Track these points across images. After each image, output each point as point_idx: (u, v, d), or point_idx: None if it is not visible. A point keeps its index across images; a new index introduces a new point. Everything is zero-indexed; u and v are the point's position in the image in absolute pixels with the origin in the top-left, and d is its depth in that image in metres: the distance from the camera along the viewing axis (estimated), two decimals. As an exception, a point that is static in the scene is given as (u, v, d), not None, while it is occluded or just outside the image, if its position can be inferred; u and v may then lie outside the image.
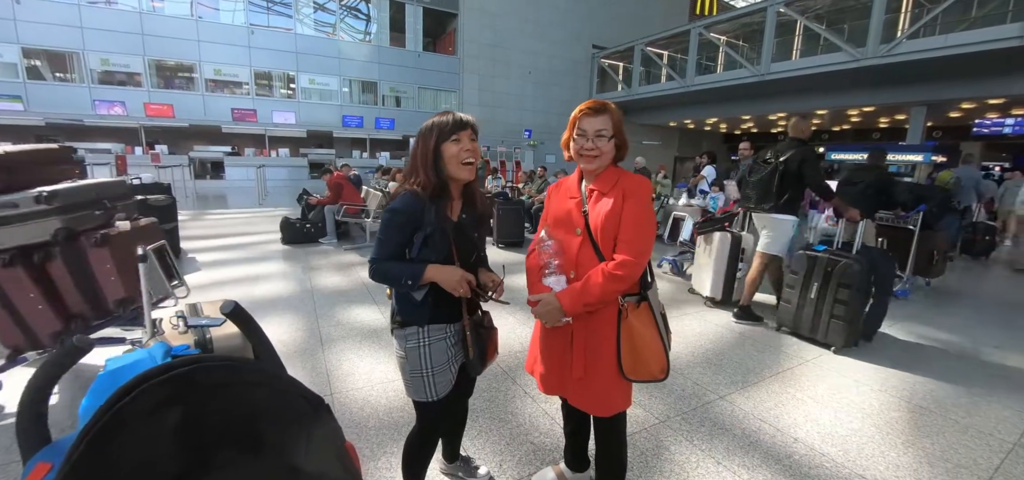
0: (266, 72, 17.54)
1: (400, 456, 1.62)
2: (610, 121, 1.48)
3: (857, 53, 12.89)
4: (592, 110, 1.50)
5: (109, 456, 0.65)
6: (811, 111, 16.87)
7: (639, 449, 2.12)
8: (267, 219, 8.75)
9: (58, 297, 2.38)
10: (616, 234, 1.44)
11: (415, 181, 1.43)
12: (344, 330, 3.48)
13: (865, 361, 3.19)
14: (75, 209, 2.37)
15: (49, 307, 2.35)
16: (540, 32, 21.46)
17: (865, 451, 2.16)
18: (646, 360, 1.47)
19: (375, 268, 1.42)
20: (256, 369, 0.84)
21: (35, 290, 2.29)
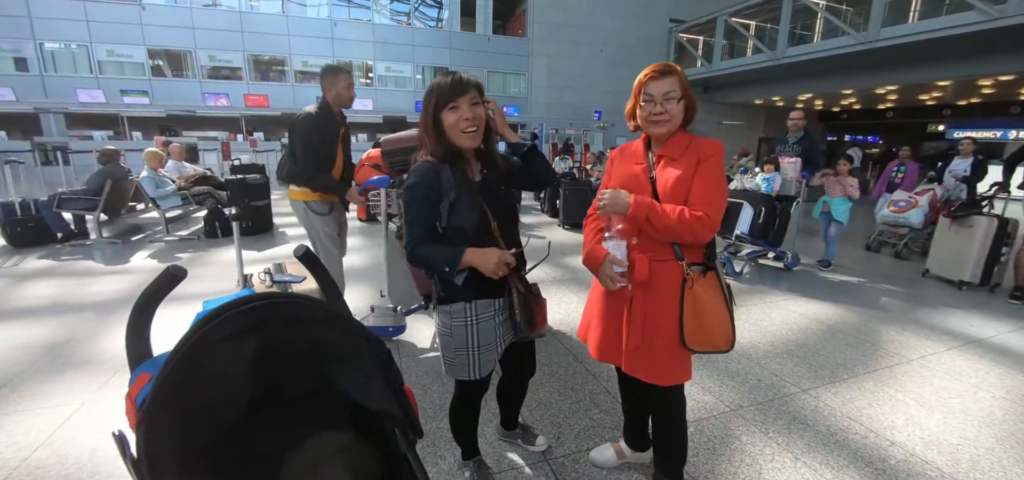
0: (347, 62, 18.64)
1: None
2: (677, 82, 1.38)
3: (994, 11, 10.92)
4: (658, 73, 1.40)
5: (194, 373, 0.72)
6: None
7: (706, 435, 2.00)
8: (347, 199, 9.36)
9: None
10: (686, 199, 1.36)
11: (425, 151, 1.38)
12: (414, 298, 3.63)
13: (988, 364, 2.75)
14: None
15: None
16: (612, 8, 20.66)
17: (980, 464, 1.87)
18: (710, 331, 1.38)
19: (412, 252, 1.36)
20: (324, 309, 0.89)
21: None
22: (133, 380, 0.76)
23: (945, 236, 4.53)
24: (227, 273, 4.27)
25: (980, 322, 3.43)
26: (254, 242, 5.44)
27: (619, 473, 1.78)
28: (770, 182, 4.78)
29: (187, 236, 5.70)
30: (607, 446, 1.86)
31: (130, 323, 0.83)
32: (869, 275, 4.68)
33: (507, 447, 1.91)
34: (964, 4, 11.69)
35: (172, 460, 0.66)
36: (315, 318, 0.90)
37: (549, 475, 1.77)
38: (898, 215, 5.39)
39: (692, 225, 1.31)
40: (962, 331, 3.26)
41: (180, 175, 6.11)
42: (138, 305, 0.84)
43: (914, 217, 5.29)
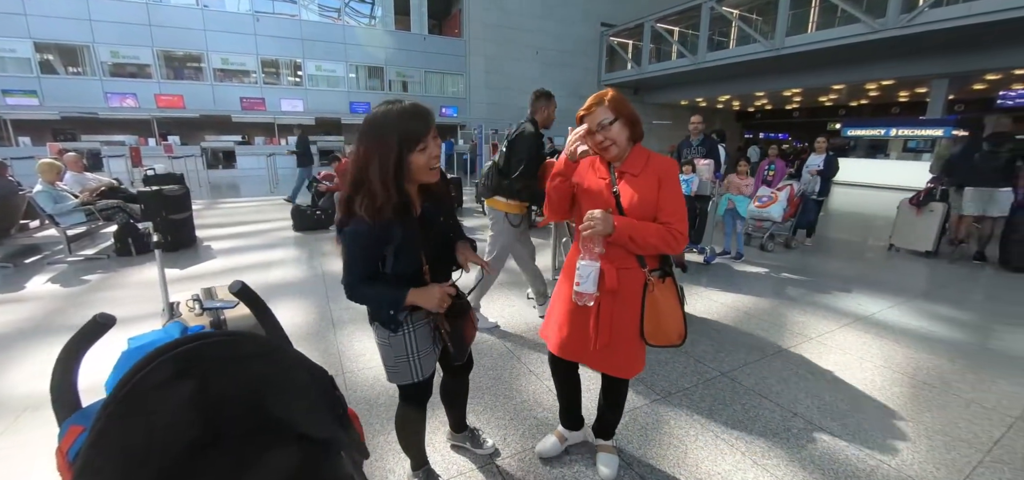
0: (273, 60, 17.59)
1: None
2: (608, 109, 1.52)
3: (876, 24, 12.48)
4: (589, 107, 1.55)
5: (131, 421, 0.71)
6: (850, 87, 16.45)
7: (639, 423, 2.17)
8: (278, 207, 8.88)
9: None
10: (652, 214, 1.51)
11: (365, 203, 1.23)
12: (354, 313, 3.56)
13: (871, 337, 3.19)
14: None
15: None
16: (547, 11, 21.13)
17: (864, 426, 2.19)
18: (666, 328, 1.58)
19: (351, 291, 1.32)
20: (258, 343, 0.90)
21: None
22: (63, 434, 0.73)
23: (909, 219, 5.74)
24: (146, 295, 3.94)
25: (867, 301, 3.95)
26: (175, 259, 5.05)
27: (561, 467, 1.89)
28: (689, 183, 4.93)
29: (94, 255, 5.16)
30: (549, 436, 1.99)
31: (55, 374, 0.80)
32: (774, 266, 5.20)
33: (456, 454, 1.97)
34: (852, 18, 13.23)
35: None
36: (251, 353, 0.90)
37: (497, 476, 1.84)
38: (761, 210, 5.73)
39: (669, 240, 1.48)
40: (851, 310, 3.74)
41: (82, 188, 5.51)
42: (63, 355, 0.80)
43: (775, 211, 5.65)
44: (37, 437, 2.08)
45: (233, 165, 16.57)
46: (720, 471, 1.87)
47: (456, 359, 1.53)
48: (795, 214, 5.87)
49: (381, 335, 1.47)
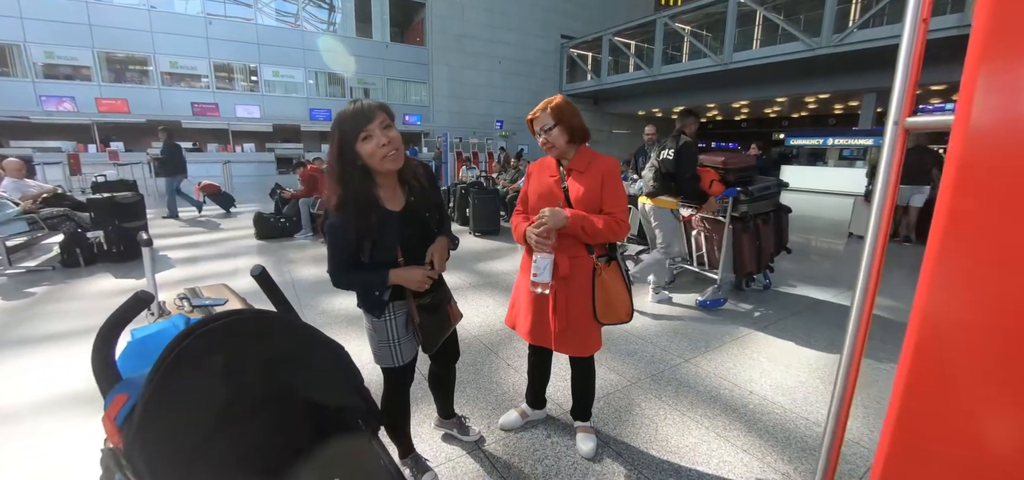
0: (226, 64, 16.98)
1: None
2: (549, 115, 1.74)
3: (812, 42, 13.55)
4: (536, 113, 1.78)
5: (174, 388, 0.78)
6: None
7: (613, 406, 2.33)
8: (237, 216, 8.58)
9: (762, 246, 4.02)
10: (596, 207, 1.72)
11: (330, 198, 1.38)
12: (329, 318, 3.56)
13: (815, 323, 3.52)
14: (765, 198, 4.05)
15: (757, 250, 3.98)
16: (508, 22, 21.51)
17: (809, 398, 2.44)
18: (615, 307, 1.78)
19: (337, 279, 1.45)
20: (284, 322, 0.98)
21: (759, 239, 3.98)
22: (110, 402, 0.79)
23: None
24: (100, 307, 3.76)
25: (815, 292, 4.33)
26: (129, 269, 4.82)
27: (544, 448, 2.01)
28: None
29: (37, 267, 4.84)
30: (512, 411, 2.19)
31: (96, 350, 0.84)
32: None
33: (443, 442, 2.05)
34: (791, 36, 14.29)
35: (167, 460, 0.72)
36: (276, 330, 0.98)
37: (484, 461, 1.94)
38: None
39: (615, 228, 1.69)
40: (802, 300, 4.08)
41: (23, 195, 5.16)
42: (103, 331, 0.85)
43: None
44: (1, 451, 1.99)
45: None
46: (687, 444, 2.05)
47: (427, 349, 1.64)
48: None
49: (369, 320, 1.59)
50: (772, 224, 4.17)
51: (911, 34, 0.59)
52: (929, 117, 0.65)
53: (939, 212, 0.48)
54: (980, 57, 0.45)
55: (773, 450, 2.02)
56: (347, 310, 3.70)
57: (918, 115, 0.63)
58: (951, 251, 0.49)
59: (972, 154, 0.46)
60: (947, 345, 0.51)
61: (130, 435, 0.70)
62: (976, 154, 0.46)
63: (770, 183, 4.26)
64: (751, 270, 4.00)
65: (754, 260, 3.98)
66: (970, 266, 0.48)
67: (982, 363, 0.48)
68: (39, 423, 2.18)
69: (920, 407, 0.54)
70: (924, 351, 0.53)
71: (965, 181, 0.46)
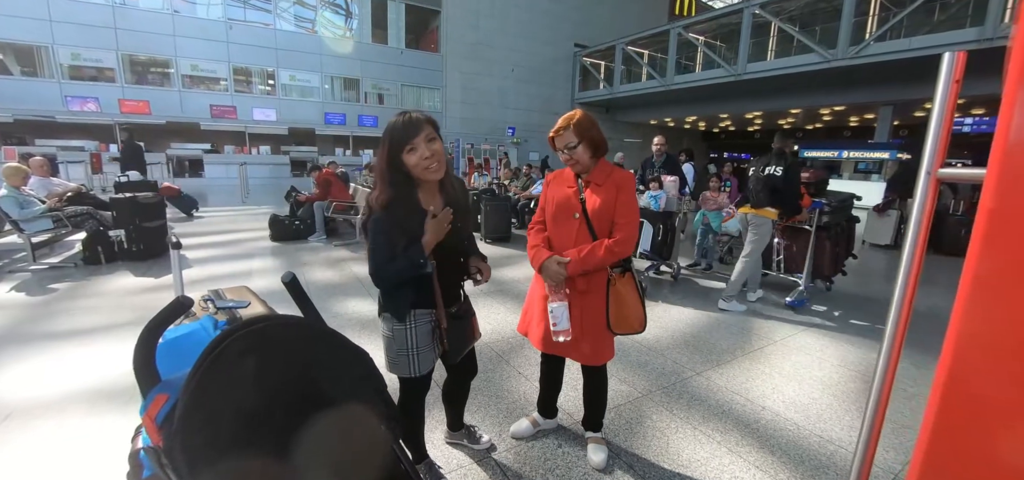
0: (245, 68, 17.30)
1: None
2: (573, 133, 1.77)
3: (828, 54, 13.40)
4: (558, 130, 1.80)
5: (213, 389, 0.81)
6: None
7: (624, 418, 2.33)
8: (252, 217, 8.73)
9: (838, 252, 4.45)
10: (611, 218, 1.76)
11: (373, 195, 1.48)
12: (341, 321, 3.61)
13: (828, 340, 3.48)
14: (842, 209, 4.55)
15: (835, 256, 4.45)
16: (522, 30, 21.64)
17: (823, 416, 2.42)
18: (628, 317, 1.81)
19: (381, 271, 1.46)
20: (313, 328, 1.01)
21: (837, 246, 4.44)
22: (150, 402, 0.82)
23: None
24: (123, 304, 3.86)
25: (823, 308, 4.28)
26: (148, 268, 4.94)
27: (555, 457, 2.02)
28: (657, 200, 4.98)
29: (59, 263, 4.98)
30: (523, 420, 2.20)
31: (138, 351, 0.88)
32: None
33: (454, 450, 2.07)
34: (806, 48, 14.18)
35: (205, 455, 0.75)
36: (306, 336, 1.02)
37: (495, 469, 1.96)
38: (722, 225, 5.91)
39: (615, 250, 1.72)
40: (811, 318, 4.04)
41: (48, 193, 5.32)
42: (145, 334, 0.89)
43: (732, 226, 5.78)
44: (21, 442, 2.06)
45: (201, 173, 16.11)
46: (699, 458, 2.04)
47: (451, 358, 1.67)
48: None
49: (387, 326, 1.59)
50: (845, 233, 4.66)
51: (944, 93, 0.61)
52: (960, 170, 0.68)
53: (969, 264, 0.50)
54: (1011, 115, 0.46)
55: (786, 467, 2.00)
56: (360, 314, 3.75)
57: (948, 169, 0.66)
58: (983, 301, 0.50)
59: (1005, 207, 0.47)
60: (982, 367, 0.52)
61: (170, 434, 0.73)
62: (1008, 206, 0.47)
63: (844, 196, 4.77)
64: (829, 273, 4.48)
65: (832, 264, 4.45)
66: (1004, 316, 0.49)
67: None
68: (63, 418, 2.24)
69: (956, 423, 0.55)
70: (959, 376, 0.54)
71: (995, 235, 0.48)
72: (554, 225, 1.87)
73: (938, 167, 0.64)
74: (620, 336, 1.92)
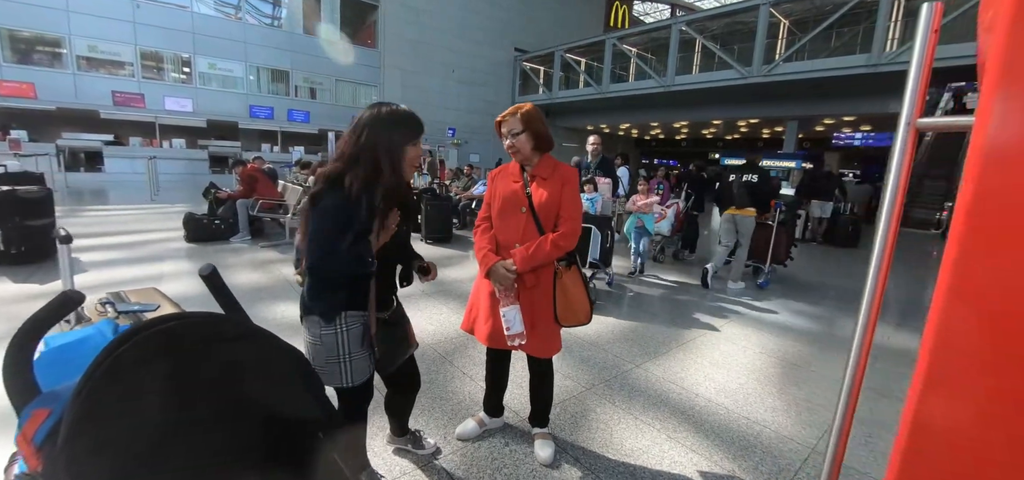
0: (155, 52, 15.66)
1: None
2: (518, 120, 1.78)
3: (745, 71, 14.63)
4: (505, 115, 1.80)
5: (108, 401, 0.69)
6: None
7: (569, 412, 2.35)
8: (163, 216, 7.90)
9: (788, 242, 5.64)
10: (556, 212, 1.77)
11: (360, 175, 1.33)
12: (269, 327, 3.32)
13: (751, 330, 3.76)
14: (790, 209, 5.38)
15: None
16: (463, 32, 21.53)
17: (750, 400, 2.60)
18: (575, 309, 1.83)
19: (324, 265, 1.32)
20: (236, 326, 0.90)
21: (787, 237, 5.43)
22: (26, 419, 0.68)
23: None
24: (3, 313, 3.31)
25: (748, 300, 4.63)
26: (32, 273, 4.28)
27: (502, 456, 1.99)
28: (594, 203, 4.80)
29: (-89, 268, 4.18)
30: (469, 420, 2.15)
31: (8, 358, 0.73)
32: (671, 277, 5.85)
33: (398, 457, 1.97)
34: (726, 64, 15.38)
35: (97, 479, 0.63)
36: (228, 335, 0.90)
37: (441, 473, 1.89)
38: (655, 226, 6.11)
39: (561, 244, 1.74)
40: (735, 309, 4.35)
41: None
42: (19, 338, 0.74)
43: (664, 226, 6.11)
44: None
45: (99, 168, 14.31)
46: (640, 447, 2.10)
47: (384, 367, 1.58)
48: (681, 229, 6.64)
49: (313, 330, 1.41)
50: (790, 228, 5.91)
51: (923, 42, 0.63)
52: (942, 119, 0.69)
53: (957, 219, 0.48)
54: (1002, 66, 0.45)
55: (718, 449, 2.12)
56: (290, 319, 3.49)
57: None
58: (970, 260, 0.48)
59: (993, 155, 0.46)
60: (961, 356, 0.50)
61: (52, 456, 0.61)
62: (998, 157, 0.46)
63: (791, 198, 6.06)
64: (784, 258, 5.61)
65: (785, 251, 5.64)
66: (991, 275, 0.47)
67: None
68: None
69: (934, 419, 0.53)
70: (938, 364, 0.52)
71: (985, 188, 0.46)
72: (501, 220, 1.85)
73: (917, 117, 0.64)
74: (566, 329, 1.94)
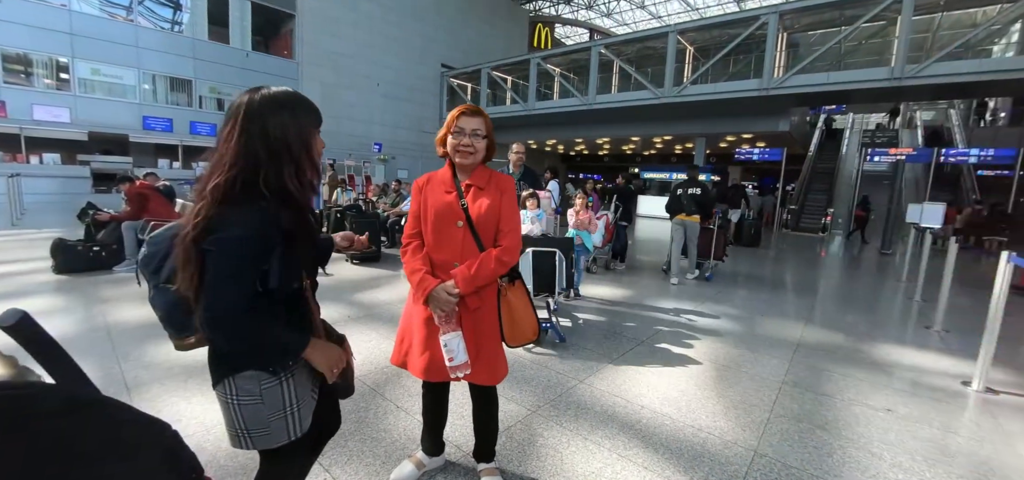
0: (21, 54, 13.45)
1: None
2: (484, 124, 1.63)
3: (658, 92, 15.75)
4: (470, 111, 1.63)
5: None
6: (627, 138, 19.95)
7: (516, 441, 2.20)
8: (27, 244, 6.68)
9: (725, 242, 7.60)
10: (495, 225, 1.62)
11: (290, 173, 1.08)
12: (159, 371, 2.83)
13: (691, 335, 3.87)
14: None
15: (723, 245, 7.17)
16: (387, 46, 21.02)
17: (692, 406, 2.62)
18: (523, 327, 1.73)
19: (232, 323, 0.99)
20: (62, 397, 0.65)
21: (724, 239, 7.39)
22: None
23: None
24: None
25: (688, 305, 4.80)
26: None
27: (445, 500, 1.79)
28: (538, 220, 4.46)
29: None
30: (406, 462, 1.91)
31: None
32: (604, 289, 5.97)
33: (320, 512, 1.69)
34: (641, 85, 16.47)
35: None
36: (50, 410, 0.64)
37: (373, 527, 1.64)
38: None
39: (505, 260, 1.60)
40: (674, 317, 4.48)
41: None
42: None
43: (596, 237, 5.87)
44: None
45: (-60, 189, 11.84)
46: (593, 470, 2.00)
47: (346, 392, 1.35)
48: (611, 240, 6.84)
49: (249, 388, 1.10)
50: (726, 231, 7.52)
51: None
52: None
53: None
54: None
55: (670, 463, 2.08)
56: (185, 360, 2.98)
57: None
58: None
59: None
60: None
61: None
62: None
63: (725, 207, 7.60)
64: (721, 256, 6.85)
65: (722, 250, 6.86)
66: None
67: None
68: None
69: None
70: None
71: None
72: (435, 235, 1.64)
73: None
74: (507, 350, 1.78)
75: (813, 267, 8.53)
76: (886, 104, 18.91)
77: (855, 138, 20.49)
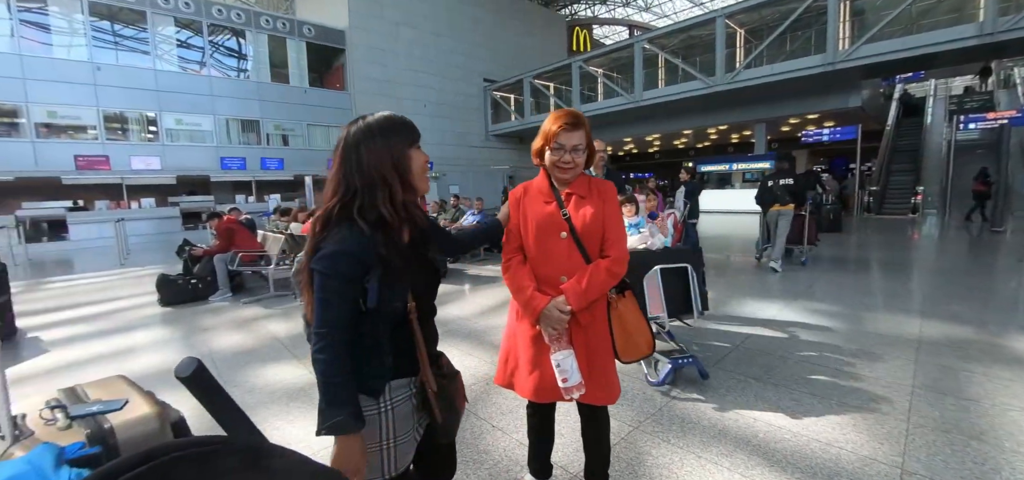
0: (118, 114, 15.12)
1: None
2: (585, 136, 1.53)
3: (709, 81, 15.06)
4: (569, 124, 1.51)
5: None
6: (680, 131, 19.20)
7: (623, 460, 2.07)
8: (134, 281, 7.37)
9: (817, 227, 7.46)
10: (600, 234, 1.53)
11: (383, 197, 1.08)
12: (262, 395, 2.97)
13: (791, 336, 3.56)
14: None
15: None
16: (430, 67, 21.72)
17: (811, 416, 2.36)
18: (636, 341, 1.62)
19: (327, 341, 1.00)
20: (242, 449, 0.62)
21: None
22: None
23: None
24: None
25: (784, 299, 4.45)
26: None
27: (560, 526, 1.70)
28: (638, 228, 3.79)
29: None
30: None
31: None
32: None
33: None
34: (691, 76, 15.82)
35: None
36: (235, 466, 0.62)
37: (492, 556, 1.58)
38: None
39: (615, 271, 1.51)
40: (768, 314, 4.16)
41: None
42: None
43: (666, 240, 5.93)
44: None
45: (63, 236, 13.52)
46: (714, 491, 1.84)
47: (447, 434, 1.23)
48: (681, 239, 6.49)
49: None
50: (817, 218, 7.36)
51: None
52: None
53: None
54: None
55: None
56: (284, 383, 3.12)
57: None
58: None
59: None
60: None
61: None
62: None
63: (813, 194, 7.24)
64: (813, 241, 6.85)
65: (814, 235, 6.89)
66: None
67: None
68: None
69: None
70: None
71: None
72: (538, 248, 1.56)
73: None
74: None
75: (914, 251, 7.73)
76: (973, 65, 17.00)
77: (940, 106, 18.53)
